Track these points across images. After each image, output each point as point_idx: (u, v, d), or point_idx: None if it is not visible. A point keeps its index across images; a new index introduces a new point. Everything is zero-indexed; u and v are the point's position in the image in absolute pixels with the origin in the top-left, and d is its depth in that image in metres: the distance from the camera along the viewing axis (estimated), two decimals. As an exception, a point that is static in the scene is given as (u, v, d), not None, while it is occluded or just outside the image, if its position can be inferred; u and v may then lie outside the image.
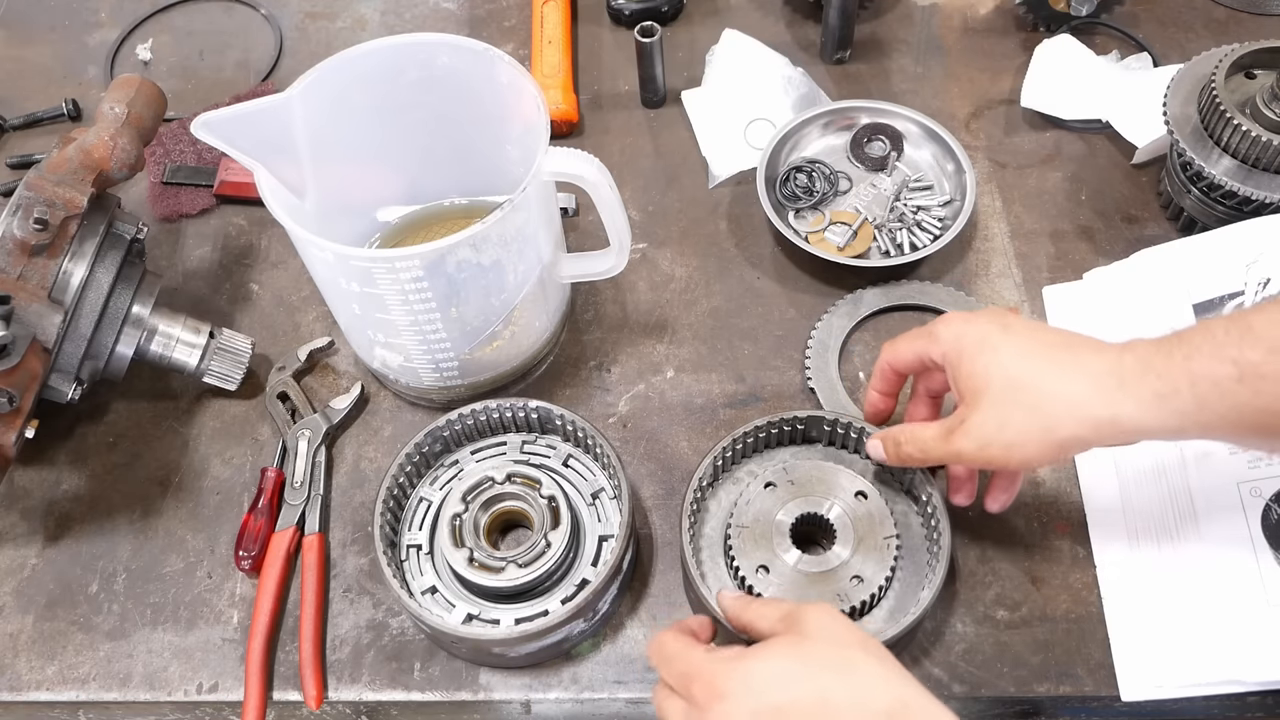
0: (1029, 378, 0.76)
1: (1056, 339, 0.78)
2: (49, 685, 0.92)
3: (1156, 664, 0.83)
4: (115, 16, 1.41)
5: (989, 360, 0.78)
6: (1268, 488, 0.87)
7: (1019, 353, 0.77)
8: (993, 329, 0.79)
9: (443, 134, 1.02)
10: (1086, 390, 0.74)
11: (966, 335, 0.80)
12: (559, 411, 0.93)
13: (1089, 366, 0.75)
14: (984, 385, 0.78)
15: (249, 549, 0.94)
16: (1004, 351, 0.78)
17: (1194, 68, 1.05)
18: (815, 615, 0.71)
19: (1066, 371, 0.75)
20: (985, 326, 0.80)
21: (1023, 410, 0.76)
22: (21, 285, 0.89)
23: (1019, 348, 0.78)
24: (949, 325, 0.82)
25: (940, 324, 0.83)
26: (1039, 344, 0.78)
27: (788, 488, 0.89)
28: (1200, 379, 0.71)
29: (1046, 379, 0.76)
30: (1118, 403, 0.73)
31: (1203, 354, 0.71)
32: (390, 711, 0.90)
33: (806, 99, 1.22)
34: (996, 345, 0.78)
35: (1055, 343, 0.78)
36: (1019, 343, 0.78)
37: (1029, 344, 0.78)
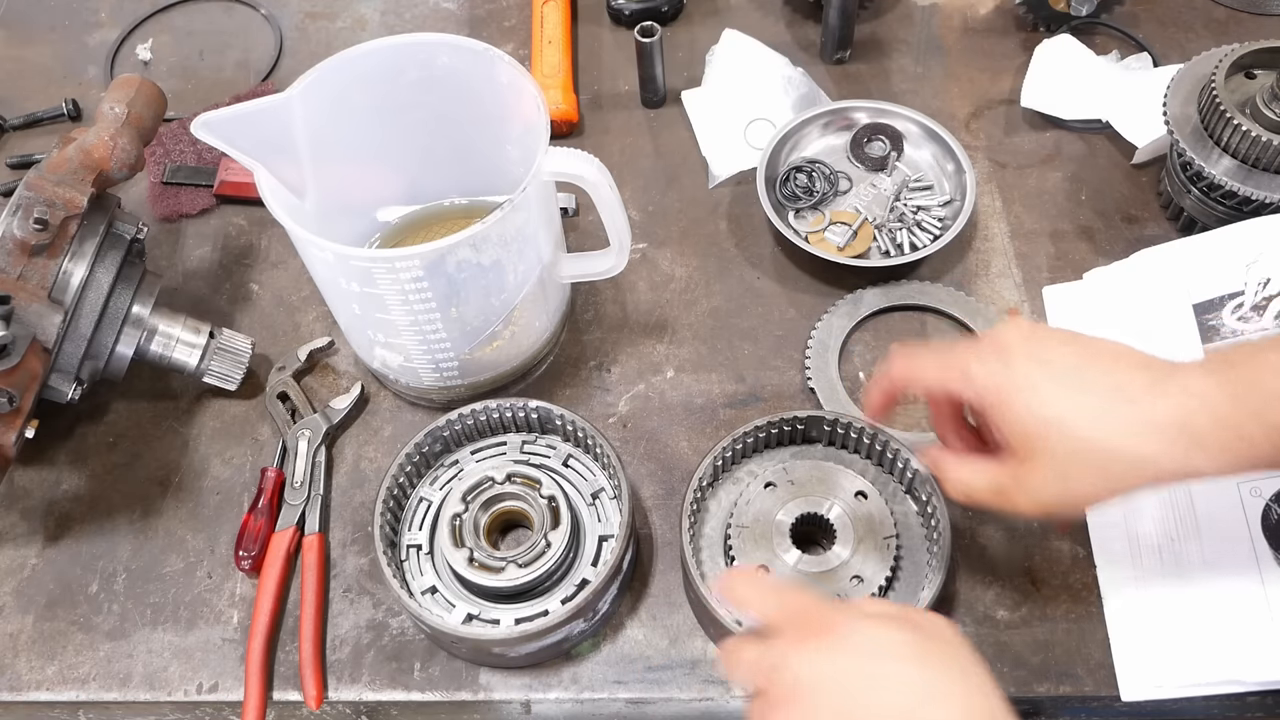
0: (1091, 434, 0.71)
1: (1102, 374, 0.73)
2: (49, 685, 0.92)
3: (1156, 664, 0.83)
4: (115, 16, 1.41)
5: (1038, 410, 0.72)
6: (1268, 488, 0.87)
7: (1072, 401, 0.72)
8: (1034, 370, 0.73)
9: (443, 134, 1.02)
10: (1157, 449, 0.70)
11: (1006, 381, 0.74)
12: (559, 411, 0.93)
13: (1156, 419, 0.70)
14: (1040, 443, 0.72)
15: (249, 549, 0.94)
16: (1055, 402, 0.72)
17: (1194, 68, 1.05)
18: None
19: (1133, 426, 0.70)
20: (1025, 368, 0.74)
21: (1089, 470, 0.72)
22: (21, 285, 0.89)
23: (1070, 392, 0.72)
24: (984, 365, 0.75)
25: (973, 361, 0.76)
26: (1088, 386, 0.72)
27: (788, 488, 0.89)
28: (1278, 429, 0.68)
29: (1112, 436, 0.71)
30: (1192, 460, 0.70)
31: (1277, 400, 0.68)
32: (390, 711, 0.90)
33: (806, 99, 1.22)
34: (1044, 396, 0.72)
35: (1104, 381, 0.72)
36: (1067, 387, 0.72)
37: (1078, 387, 0.72)
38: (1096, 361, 0.74)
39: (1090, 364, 0.74)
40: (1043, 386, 0.73)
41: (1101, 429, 0.71)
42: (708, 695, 0.88)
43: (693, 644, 0.90)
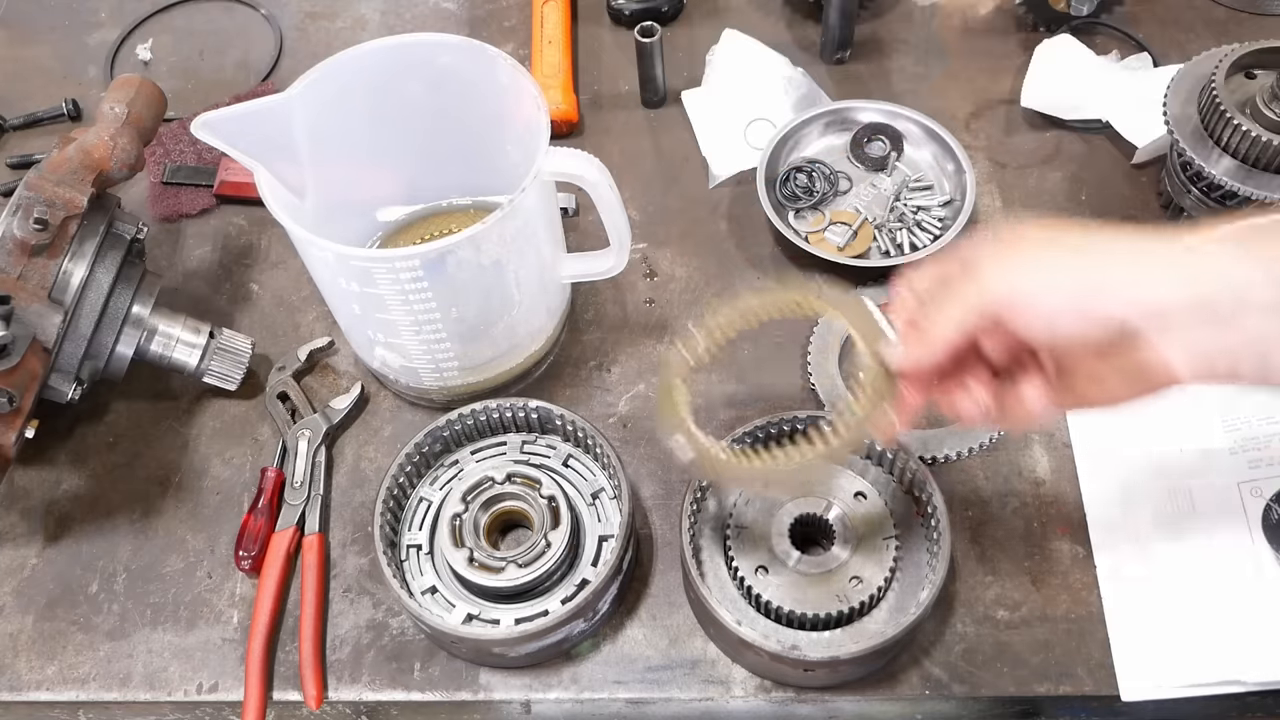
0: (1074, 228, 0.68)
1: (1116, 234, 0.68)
2: (49, 685, 0.92)
3: (1156, 664, 0.83)
4: (115, 16, 1.41)
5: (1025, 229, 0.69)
6: (1268, 488, 0.87)
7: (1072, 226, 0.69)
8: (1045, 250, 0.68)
9: (443, 134, 1.02)
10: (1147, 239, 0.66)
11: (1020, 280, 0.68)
12: (559, 411, 0.93)
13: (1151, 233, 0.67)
14: (1020, 235, 0.69)
15: (249, 549, 0.94)
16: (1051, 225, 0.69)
17: (1194, 68, 1.05)
18: None
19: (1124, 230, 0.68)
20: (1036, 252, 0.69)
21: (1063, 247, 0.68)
22: (21, 285, 0.89)
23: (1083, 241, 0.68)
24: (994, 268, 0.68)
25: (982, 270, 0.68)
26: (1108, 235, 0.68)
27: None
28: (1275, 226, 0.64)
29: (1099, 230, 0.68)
30: (1178, 240, 0.66)
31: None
32: (390, 711, 0.90)
33: (806, 99, 1.22)
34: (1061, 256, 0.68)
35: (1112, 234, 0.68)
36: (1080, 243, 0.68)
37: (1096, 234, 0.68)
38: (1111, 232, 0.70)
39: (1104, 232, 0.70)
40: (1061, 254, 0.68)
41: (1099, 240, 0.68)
42: (708, 695, 0.88)
43: (693, 644, 0.90)
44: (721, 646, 0.89)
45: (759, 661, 0.86)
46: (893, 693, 0.87)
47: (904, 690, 0.87)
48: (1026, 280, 0.67)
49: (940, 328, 0.70)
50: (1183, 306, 0.64)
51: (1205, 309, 0.64)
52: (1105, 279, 0.65)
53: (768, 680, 0.88)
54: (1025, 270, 0.67)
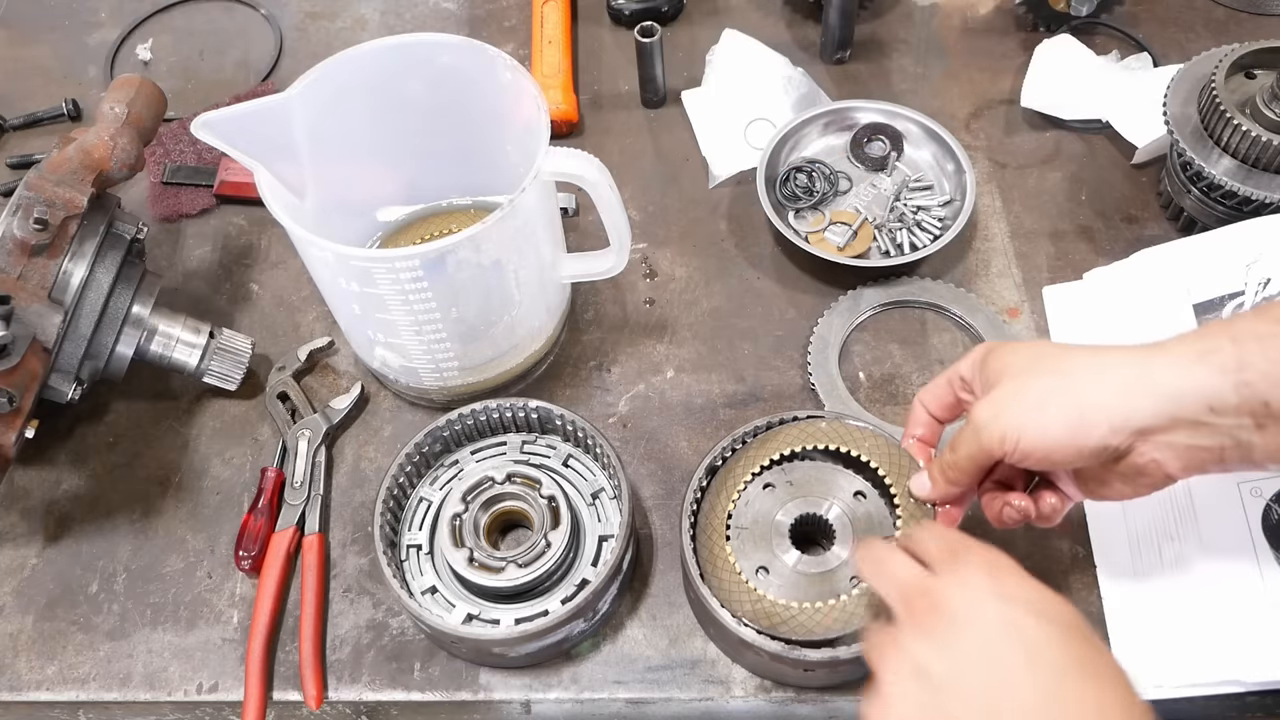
0: (1056, 352, 0.75)
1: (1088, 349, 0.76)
2: (49, 685, 0.92)
3: (1156, 664, 0.83)
4: (115, 16, 1.41)
5: (1015, 348, 0.77)
6: (1268, 488, 0.87)
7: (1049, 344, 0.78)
8: (1023, 345, 0.79)
9: (443, 134, 1.02)
10: (1119, 356, 0.72)
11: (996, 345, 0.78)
12: (559, 411, 0.93)
13: (1122, 348, 0.73)
14: (1006, 366, 0.75)
15: (249, 549, 0.94)
16: (1034, 345, 0.79)
17: (1194, 68, 1.05)
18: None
19: (1097, 350, 0.74)
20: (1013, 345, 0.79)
21: (1048, 378, 0.72)
22: (21, 285, 0.89)
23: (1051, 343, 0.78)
24: (980, 346, 0.80)
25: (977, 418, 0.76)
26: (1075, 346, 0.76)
27: (786, 488, 0.88)
28: (1242, 334, 0.69)
29: (1075, 353, 0.74)
30: (1151, 360, 0.70)
31: (1242, 319, 0.71)
32: (390, 711, 0.90)
33: (806, 99, 1.22)
34: (1027, 343, 0.78)
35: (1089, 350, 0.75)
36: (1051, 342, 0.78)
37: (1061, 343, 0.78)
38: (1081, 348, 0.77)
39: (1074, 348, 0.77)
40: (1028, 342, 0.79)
41: (1066, 350, 0.75)
42: (708, 695, 0.88)
43: (693, 644, 0.90)
44: (721, 646, 0.89)
45: (759, 661, 0.86)
46: (893, 693, 0.87)
47: (904, 690, 0.86)
48: (1017, 423, 0.72)
49: (955, 471, 0.78)
50: (1163, 424, 0.70)
51: (1183, 422, 0.70)
52: (1089, 412, 0.71)
53: (768, 680, 0.88)
54: (1015, 413, 0.73)
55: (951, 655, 0.63)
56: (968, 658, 0.63)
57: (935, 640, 0.64)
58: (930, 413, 0.84)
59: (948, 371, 0.82)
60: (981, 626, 0.64)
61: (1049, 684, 0.61)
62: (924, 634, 0.65)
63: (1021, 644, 0.63)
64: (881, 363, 1.04)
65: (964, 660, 0.63)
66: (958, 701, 0.62)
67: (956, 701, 0.62)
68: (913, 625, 0.66)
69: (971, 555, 0.68)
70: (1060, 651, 0.62)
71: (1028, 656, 0.62)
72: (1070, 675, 0.62)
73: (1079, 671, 0.62)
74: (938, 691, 0.63)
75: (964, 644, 0.64)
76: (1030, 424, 0.72)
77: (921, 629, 0.65)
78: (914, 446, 0.86)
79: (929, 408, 0.84)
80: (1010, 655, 0.62)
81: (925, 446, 0.86)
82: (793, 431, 0.89)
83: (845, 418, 0.90)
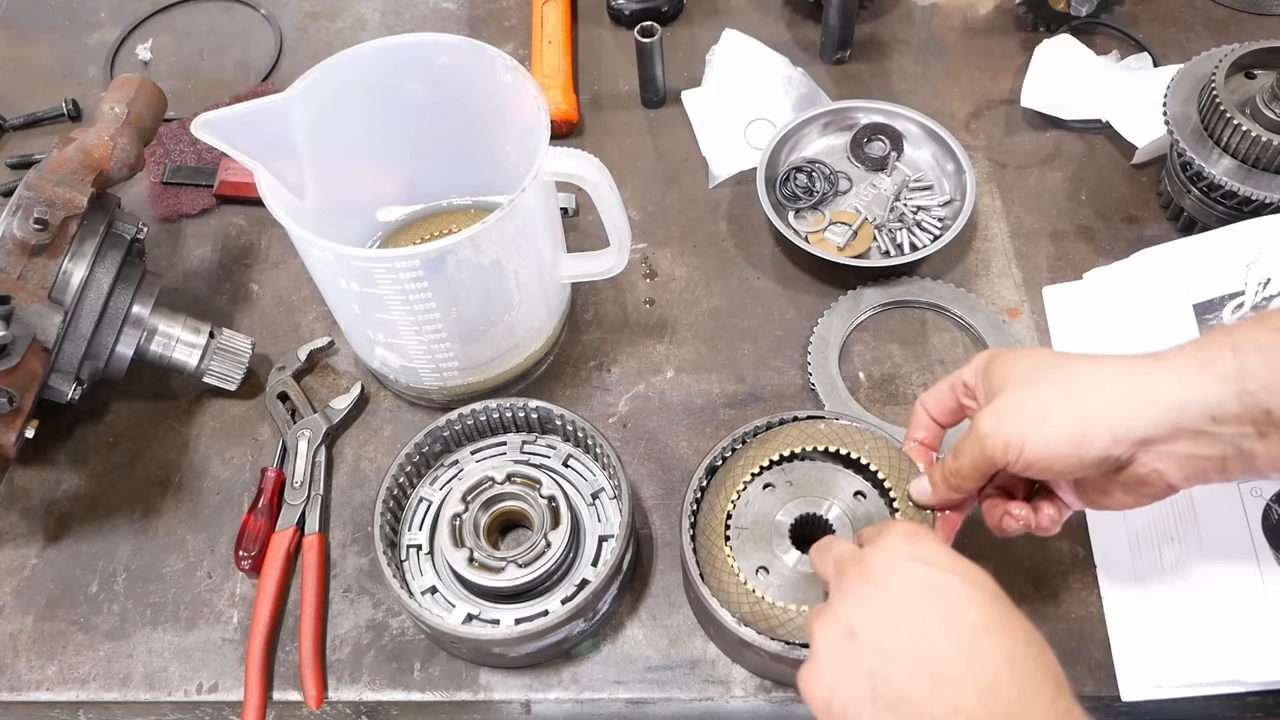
0: (1058, 362, 0.75)
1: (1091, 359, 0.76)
2: (49, 685, 0.92)
3: (1156, 664, 0.83)
4: (115, 16, 1.41)
5: (1018, 356, 0.77)
6: (1268, 488, 0.87)
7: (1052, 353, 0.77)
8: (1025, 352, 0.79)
9: (443, 134, 1.02)
10: (1119, 365, 0.72)
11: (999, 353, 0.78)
12: (559, 411, 0.93)
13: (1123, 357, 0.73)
14: (1009, 375, 0.75)
15: (249, 549, 0.94)
16: (1037, 354, 0.78)
17: (1194, 68, 1.05)
18: None
19: (1099, 359, 0.74)
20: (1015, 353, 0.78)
21: (1049, 388, 0.73)
22: (21, 285, 0.89)
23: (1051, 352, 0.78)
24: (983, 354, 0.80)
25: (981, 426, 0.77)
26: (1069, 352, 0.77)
27: (786, 488, 0.88)
28: (1243, 343, 0.69)
29: (1077, 362, 0.74)
30: (1153, 371, 0.71)
31: (1243, 327, 0.70)
32: (390, 711, 0.90)
33: (806, 99, 1.22)
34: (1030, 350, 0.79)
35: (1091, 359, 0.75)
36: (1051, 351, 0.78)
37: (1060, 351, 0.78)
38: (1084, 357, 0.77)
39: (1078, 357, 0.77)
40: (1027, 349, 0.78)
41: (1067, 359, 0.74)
42: (708, 695, 0.88)
43: (693, 644, 0.90)
44: (721, 646, 0.89)
45: (759, 661, 0.86)
46: (893, 693, 0.87)
47: (904, 690, 0.86)
48: (1020, 433, 0.73)
49: (957, 478, 0.79)
50: (1165, 434, 0.70)
51: (1186, 432, 0.70)
52: (1092, 423, 0.71)
53: (768, 680, 0.88)
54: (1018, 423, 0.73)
55: (875, 613, 0.67)
56: (890, 614, 0.66)
57: (860, 600, 0.68)
58: (932, 417, 0.84)
59: (950, 377, 0.82)
60: (902, 585, 0.67)
61: (966, 638, 0.64)
62: (849, 596, 0.68)
63: (940, 601, 0.66)
64: (881, 363, 1.04)
65: (886, 616, 0.66)
66: (880, 656, 0.65)
67: (879, 656, 0.65)
68: (840, 591, 0.70)
69: (893, 526, 0.72)
70: (976, 610, 0.65)
71: (945, 612, 0.65)
72: (985, 631, 0.64)
73: (994, 627, 0.65)
74: (863, 647, 0.65)
75: (886, 601, 0.67)
76: (1033, 434, 0.72)
77: (847, 592, 0.69)
78: (915, 450, 0.86)
79: (931, 412, 0.84)
80: (930, 611, 0.65)
81: (927, 451, 0.86)
82: (792, 432, 0.89)
83: (845, 418, 0.90)
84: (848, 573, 0.70)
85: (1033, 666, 0.63)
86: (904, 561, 0.68)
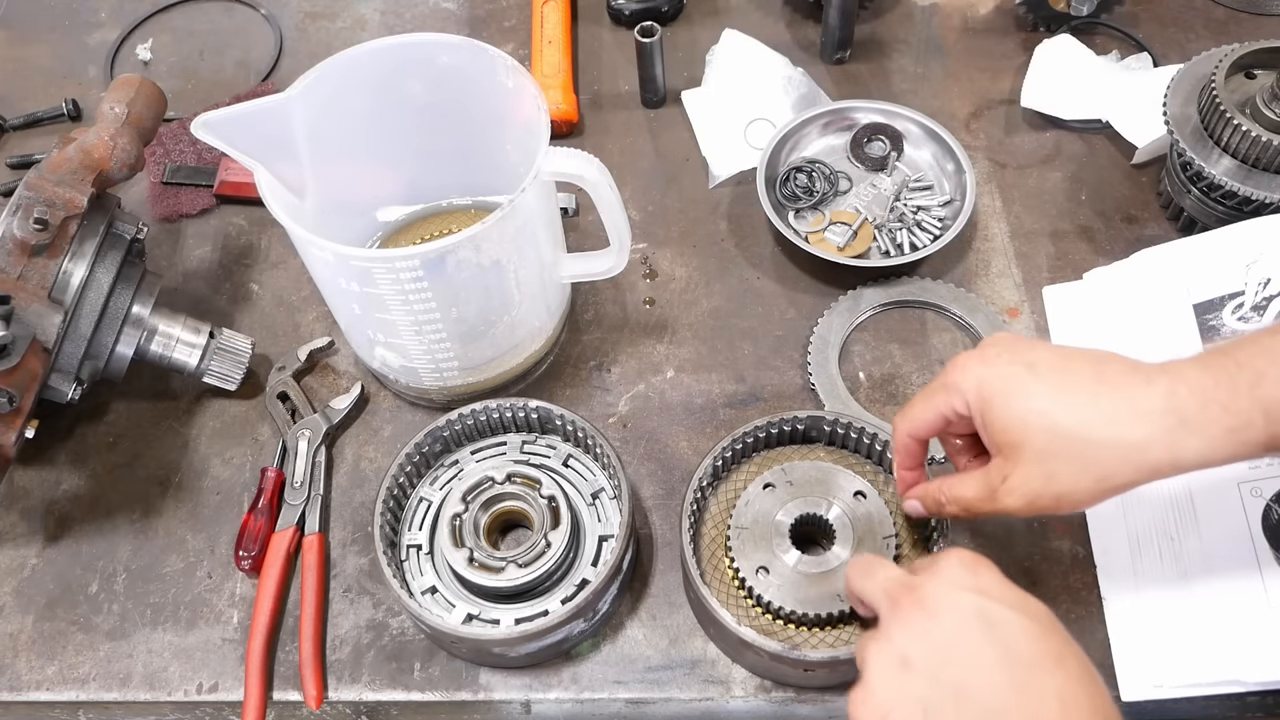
0: (1074, 426, 0.70)
1: (1087, 370, 0.72)
2: (49, 685, 0.92)
3: (1156, 664, 0.83)
4: (115, 16, 1.41)
5: (1022, 408, 0.72)
6: (1268, 488, 0.87)
7: (1054, 396, 0.71)
8: (1017, 371, 0.73)
9: (443, 134, 1.02)
10: (1144, 434, 0.69)
11: (989, 381, 0.73)
12: (559, 411, 0.93)
13: (1140, 405, 0.69)
14: (1021, 438, 0.71)
15: (249, 549, 0.94)
16: (1037, 397, 0.71)
17: (1194, 68, 1.05)
18: None
19: (1117, 415, 0.69)
20: (1008, 369, 0.73)
21: (1071, 463, 0.70)
22: (21, 285, 0.89)
23: (1052, 389, 0.71)
24: (966, 373, 0.75)
25: (955, 372, 0.76)
26: (1072, 382, 0.71)
27: (787, 488, 0.88)
28: (1275, 405, 0.67)
29: (1095, 426, 0.70)
30: (1181, 443, 0.68)
31: (1269, 380, 0.67)
32: (390, 711, 0.90)
33: (806, 99, 1.22)
34: (1027, 391, 0.72)
35: (1089, 376, 0.71)
36: (1051, 383, 0.71)
37: (1062, 383, 0.71)
38: (1081, 359, 0.73)
39: (1074, 361, 0.73)
40: (1025, 383, 0.72)
41: (1080, 416, 0.70)
42: (708, 695, 0.88)
43: (693, 644, 0.90)
44: (721, 646, 0.89)
45: (759, 661, 0.86)
46: (893, 693, 0.87)
47: (904, 690, 0.86)
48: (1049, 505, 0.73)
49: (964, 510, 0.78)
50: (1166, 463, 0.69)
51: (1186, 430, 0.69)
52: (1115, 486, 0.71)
53: (768, 680, 0.88)
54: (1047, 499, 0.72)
55: (928, 642, 0.66)
56: (943, 644, 0.66)
57: (914, 629, 0.67)
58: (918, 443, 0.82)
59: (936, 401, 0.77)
60: (957, 616, 0.66)
61: (1019, 673, 0.64)
62: (904, 625, 0.68)
63: (994, 633, 0.65)
64: (881, 363, 1.04)
65: (940, 647, 0.66)
66: (933, 686, 0.64)
67: (932, 686, 0.64)
68: (895, 618, 0.69)
69: (950, 555, 0.71)
70: (1030, 643, 0.65)
71: (1000, 645, 0.65)
72: (1039, 666, 0.64)
73: (1047, 663, 0.64)
74: (917, 677, 0.65)
75: (941, 631, 0.66)
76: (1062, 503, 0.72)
77: (902, 620, 0.68)
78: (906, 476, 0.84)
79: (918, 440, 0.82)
80: (984, 643, 0.65)
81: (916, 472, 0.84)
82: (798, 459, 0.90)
83: (845, 418, 0.90)
84: (902, 600, 0.69)
85: (1085, 704, 0.63)
86: (960, 591, 0.67)
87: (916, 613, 0.68)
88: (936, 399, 0.77)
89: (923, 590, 0.68)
